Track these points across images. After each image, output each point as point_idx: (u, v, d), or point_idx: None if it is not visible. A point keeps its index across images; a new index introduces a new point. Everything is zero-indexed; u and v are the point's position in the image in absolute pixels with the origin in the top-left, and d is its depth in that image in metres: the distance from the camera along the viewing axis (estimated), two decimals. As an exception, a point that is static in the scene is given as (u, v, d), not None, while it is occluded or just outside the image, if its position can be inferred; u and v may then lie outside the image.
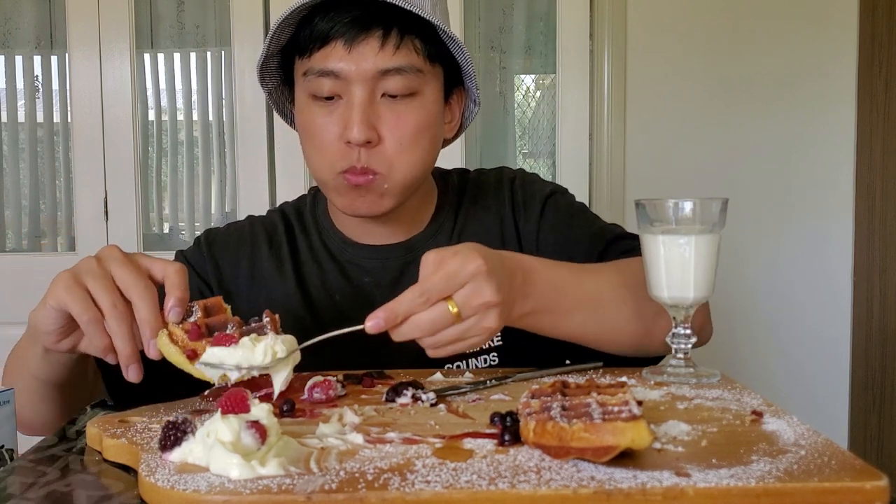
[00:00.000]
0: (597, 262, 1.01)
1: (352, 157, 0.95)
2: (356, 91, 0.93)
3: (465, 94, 1.07)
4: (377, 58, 0.92)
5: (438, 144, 1.03)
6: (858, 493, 0.52)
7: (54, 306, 0.75)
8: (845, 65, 2.37)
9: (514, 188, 1.11)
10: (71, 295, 0.74)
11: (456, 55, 0.99)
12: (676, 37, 2.38)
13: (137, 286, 0.74)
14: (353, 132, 0.92)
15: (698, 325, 0.97)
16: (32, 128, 2.59)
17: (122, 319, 0.74)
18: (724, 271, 0.95)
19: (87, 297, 0.74)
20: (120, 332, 0.73)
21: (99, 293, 0.74)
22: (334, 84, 0.94)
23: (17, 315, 2.37)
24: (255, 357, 0.71)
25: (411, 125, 0.95)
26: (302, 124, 1.00)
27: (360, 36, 0.92)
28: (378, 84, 0.94)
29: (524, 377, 0.86)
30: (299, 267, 1.07)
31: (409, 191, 1.00)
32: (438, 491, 0.53)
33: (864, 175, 2.39)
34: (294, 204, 1.15)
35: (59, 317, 0.76)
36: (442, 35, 0.96)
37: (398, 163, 0.96)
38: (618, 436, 0.54)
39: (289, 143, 2.41)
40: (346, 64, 0.93)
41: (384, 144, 0.95)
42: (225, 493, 0.53)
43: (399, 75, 0.94)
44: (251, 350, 0.71)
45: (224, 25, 2.48)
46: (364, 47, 0.92)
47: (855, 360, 2.43)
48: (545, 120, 2.60)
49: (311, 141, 0.98)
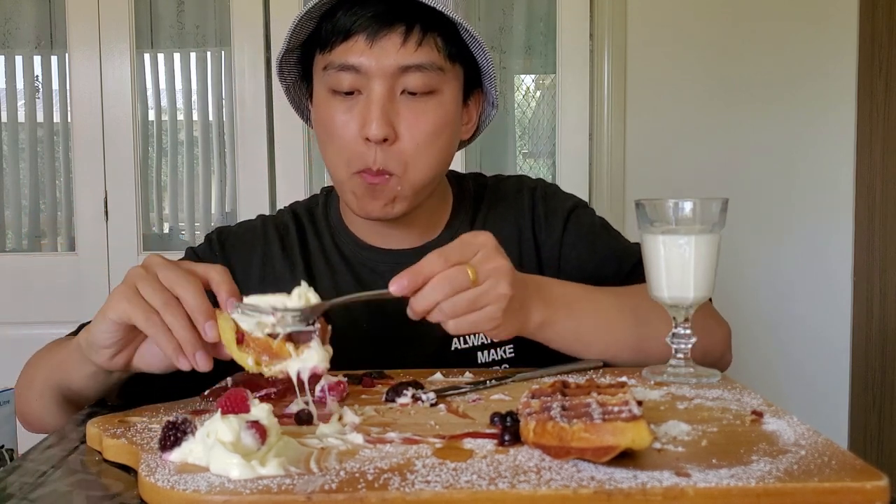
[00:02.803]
0: (622, 282, 1.01)
1: (368, 157, 0.94)
2: (376, 87, 0.93)
3: (483, 97, 1.06)
4: (398, 54, 0.92)
5: (454, 146, 1.02)
6: (858, 493, 0.52)
7: (115, 318, 0.76)
8: (845, 65, 2.37)
9: (535, 199, 1.10)
10: (131, 304, 0.75)
11: (477, 55, 0.99)
12: (676, 37, 2.38)
13: (181, 280, 0.76)
14: (372, 128, 0.92)
15: (719, 352, 0.98)
16: (32, 128, 2.59)
17: (177, 311, 0.74)
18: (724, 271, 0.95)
19: (144, 303, 0.75)
20: (177, 324, 0.74)
21: (150, 294, 0.75)
22: (354, 79, 0.93)
23: (17, 315, 2.40)
24: (290, 301, 0.73)
25: (429, 124, 0.95)
26: (320, 120, 0.99)
27: (382, 31, 0.92)
28: (398, 80, 0.93)
29: (524, 377, 0.86)
30: (311, 269, 1.07)
31: (423, 193, 0.99)
32: (438, 491, 0.53)
33: (864, 175, 2.39)
34: (305, 204, 1.15)
35: (119, 329, 0.77)
36: (464, 34, 0.96)
37: (413, 162, 0.95)
38: (618, 436, 0.54)
39: (289, 143, 2.42)
40: (367, 59, 0.92)
41: (401, 143, 0.94)
42: (225, 493, 0.53)
43: (419, 72, 0.93)
44: (286, 297, 0.73)
45: (224, 25, 2.48)
46: (386, 42, 0.92)
47: (855, 360, 2.43)
48: (545, 120, 2.60)
49: (328, 137, 0.98)
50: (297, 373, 0.72)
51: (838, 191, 2.41)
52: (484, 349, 1.02)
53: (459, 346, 1.02)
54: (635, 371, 0.86)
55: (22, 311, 2.41)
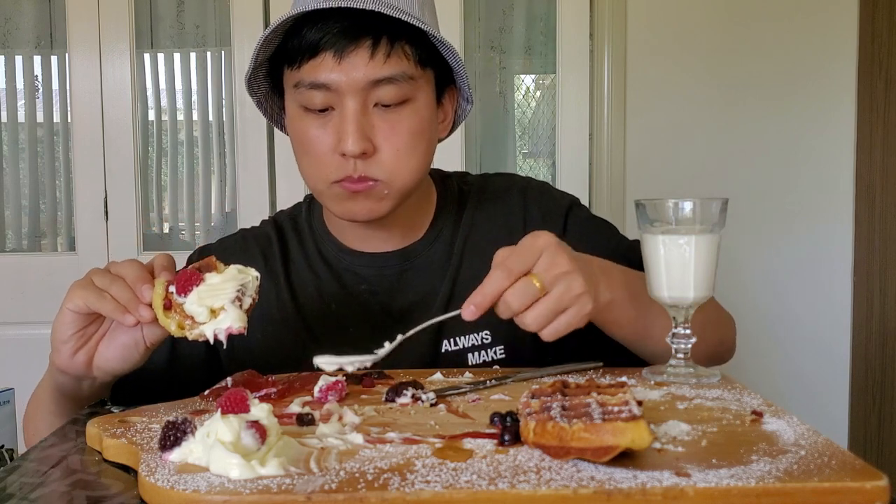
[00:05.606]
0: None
1: (347, 167, 0.94)
2: (348, 103, 0.92)
3: (458, 93, 1.05)
4: (367, 68, 0.91)
5: (434, 147, 1.02)
6: (858, 493, 0.52)
7: (72, 308, 0.81)
8: (845, 65, 2.37)
9: (528, 199, 1.09)
10: (85, 290, 0.81)
11: (447, 58, 0.98)
12: (676, 37, 2.38)
13: (125, 265, 0.83)
14: (348, 144, 0.91)
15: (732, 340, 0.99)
16: (32, 128, 2.59)
17: (121, 283, 0.81)
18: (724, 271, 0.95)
19: (96, 288, 0.81)
20: (122, 293, 0.80)
21: (100, 280, 0.82)
22: (326, 96, 0.93)
23: (17, 315, 2.40)
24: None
25: (406, 133, 0.94)
26: (295, 135, 0.99)
27: (349, 46, 0.91)
28: (370, 94, 0.92)
29: (524, 377, 0.86)
30: (294, 277, 1.06)
31: (409, 194, 0.99)
32: (438, 491, 0.53)
33: (864, 175, 2.39)
34: (289, 212, 1.14)
35: (76, 319, 0.82)
36: (432, 39, 0.95)
37: (397, 170, 0.95)
38: (618, 436, 0.54)
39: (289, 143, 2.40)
40: (337, 75, 0.91)
41: (380, 154, 0.94)
42: (225, 493, 0.53)
43: (391, 84, 0.92)
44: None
45: (224, 25, 2.48)
46: (354, 58, 0.91)
47: (855, 360, 2.43)
48: (545, 120, 2.60)
49: (304, 152, 0.97)
50: (213, 333, 0.77)
51: (838, 191, 2.41)
52: (474, 350, 1.02)
53: (450, 347, 1.01)
54: (635, 371, 0.86)
55: (22, 311, 2.40)
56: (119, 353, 0.84)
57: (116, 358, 0.84)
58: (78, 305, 0.80)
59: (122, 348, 0.84)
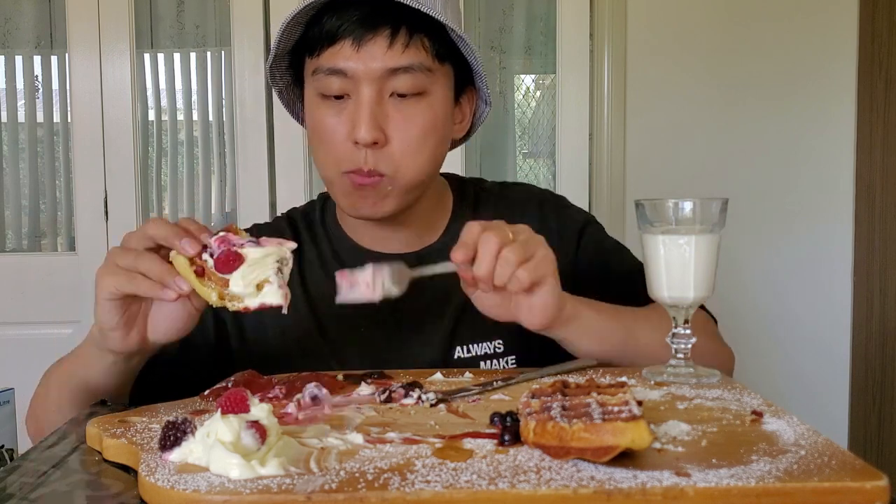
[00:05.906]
0: (636, 302, 0.99)
1: (358, 158, 0.94)
2: (364, 90, 0.93)
3: (477, 94, 1.05)
4: (385, 56, 0.92)
5: (446, 145, 1.02)
6: (858, 493, 0.52)
7: (107, 296, 0.80)
8: (845, 65, 2.37)
9: (546, 211, 1.10)
10: (113, 276, 0.79)
11: (466, 55, 0.99)
12: (676, 37, 2.38)
13: (138, 230, 0.82)
14: (361, 132, 0.92)
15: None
16: (32, 128, 2.60)
17: (148, 257, 0.80)
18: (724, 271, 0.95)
19: (123, 270, 0.80)
20: (153, 267, 0.79)
21: (124, 261, 0.80)
22: (343, 83, 0.93)
23: (17, 315, 2.40)
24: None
25: (419, 126, 0.95)
26: (311, 123, 1.00)
27: (368, 35, 0.92)
28: (386, 83, 0.93)
29: (525, 378, 0.86)
30: (307, 274, 1.06)
31: (414, 193, 0.99)
32: (438, 491, 0.53)
33: (864, 175, 2.39)
34: (303, 210, 1.14)
35: (116, 305, 0.81)
36: (452, 34, 0.96)
37: (404, 164, 0.95)
38: (618, 436, 0.54)
39: (289, 143, 2.42)
40: (355, 63, 0.92)
41: (391, 145, 0.94)
42: (225, 493, 0.53)
43: (407, 74, 0.93)
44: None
45: (224, 25, 2.48)
46: (372, 46, 0.92)
47: (855, 360, 2.43)
48: (545, 120, 2.60)
49: (319, 140, 0.98)
50: (258, 304, 0.78)
51: (838, 191, 2.41)
52: (487, 359, 1.02)
53: (462, 354, 1.02)
54: (635, 371, 0.86)
55: (22, 311, 2.41)
56: (172, 325, 0.84)
57: (171, 329, 0.84)
58: (112, 293, 0.79)
59: (173, 319, 0.84)
